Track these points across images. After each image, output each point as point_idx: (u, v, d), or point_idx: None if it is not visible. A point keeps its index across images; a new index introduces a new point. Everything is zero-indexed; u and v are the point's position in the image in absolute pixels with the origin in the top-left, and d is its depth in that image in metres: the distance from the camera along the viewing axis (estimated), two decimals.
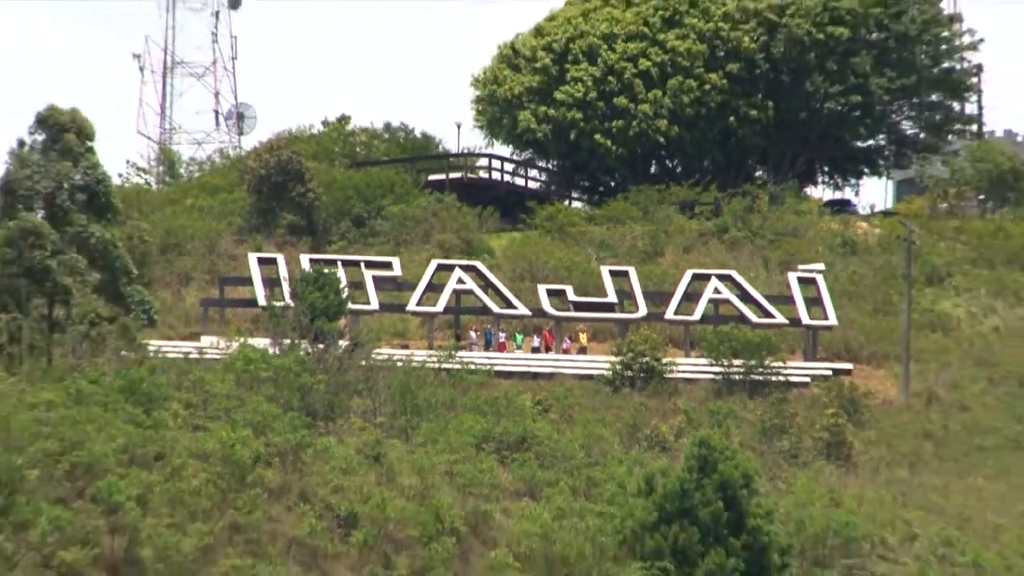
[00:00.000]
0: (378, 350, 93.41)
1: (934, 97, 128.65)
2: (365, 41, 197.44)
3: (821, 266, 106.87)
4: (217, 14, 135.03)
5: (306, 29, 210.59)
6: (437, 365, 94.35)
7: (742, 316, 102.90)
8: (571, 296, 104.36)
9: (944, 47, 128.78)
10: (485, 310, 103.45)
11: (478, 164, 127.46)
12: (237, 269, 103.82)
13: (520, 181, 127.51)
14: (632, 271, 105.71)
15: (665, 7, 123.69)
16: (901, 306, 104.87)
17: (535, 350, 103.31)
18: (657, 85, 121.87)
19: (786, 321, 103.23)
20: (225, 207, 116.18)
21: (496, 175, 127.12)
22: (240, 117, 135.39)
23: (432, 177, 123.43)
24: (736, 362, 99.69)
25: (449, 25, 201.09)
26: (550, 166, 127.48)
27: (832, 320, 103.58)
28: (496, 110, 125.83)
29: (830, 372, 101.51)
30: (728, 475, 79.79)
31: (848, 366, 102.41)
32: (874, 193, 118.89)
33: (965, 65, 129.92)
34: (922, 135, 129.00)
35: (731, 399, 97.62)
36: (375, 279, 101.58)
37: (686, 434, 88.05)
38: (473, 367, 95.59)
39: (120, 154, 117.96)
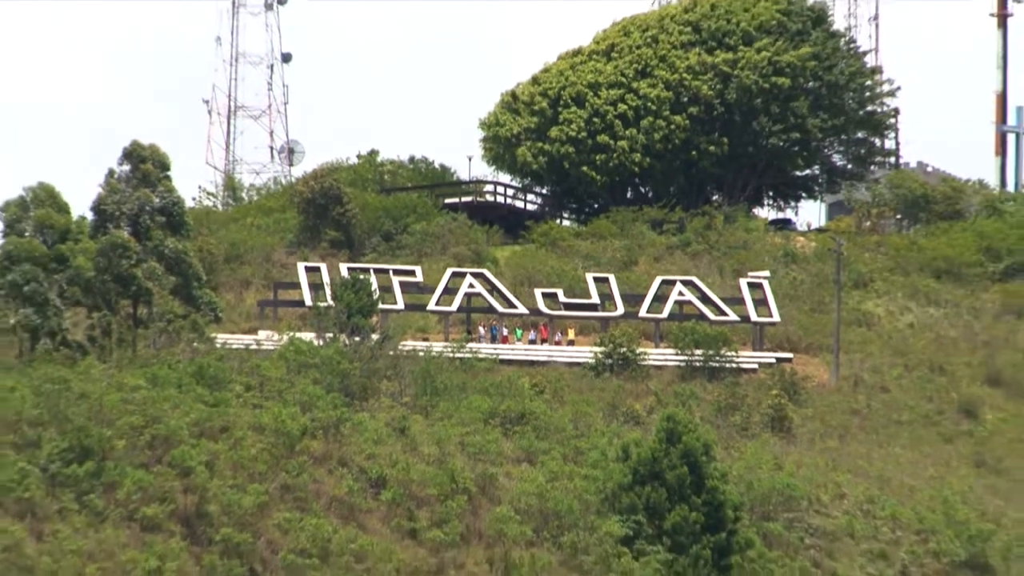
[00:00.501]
0: (403, 342, 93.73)
1: (859, 135, 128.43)
2: (393, 88, 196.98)
3: (766, 273, 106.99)
4: (271, 67, 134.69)
5: (345, 77, 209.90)
6: (452, 354, 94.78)
7: (702, 314, 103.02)
8: (562, 298, 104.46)
9: (867, 94, 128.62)
10: (491, 309, 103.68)
11: (485, 190, 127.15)
12: (288, 276, 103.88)
13: (520, 204, 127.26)
14: (612, 277, 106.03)
15: (639, 61, 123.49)
16: (832, 306, 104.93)
17: (532, 342, 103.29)
18: (632, 125, 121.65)
19: (738, 318, 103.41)
20: (278, 225, 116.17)
21: (500, 199, 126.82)
22: (290, 151, 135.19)
23: (448, 200, 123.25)
24: (697, 352, 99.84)
25: (461, 74, 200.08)
26: (544, 191, 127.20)
27: (776, 317, 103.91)
28: (499, 147, 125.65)
29: (774, 360, 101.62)
30: (691, 445, 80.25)
31: (789, 355, 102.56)
32: (810, 213, 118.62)
33: (885, 108, 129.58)
34: (849, 166, 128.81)
35: (693, 382, 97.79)
36: (401, 284, 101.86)
37: (656, 411, 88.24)
38: (481, 356, 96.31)
39: (192, 181, 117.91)
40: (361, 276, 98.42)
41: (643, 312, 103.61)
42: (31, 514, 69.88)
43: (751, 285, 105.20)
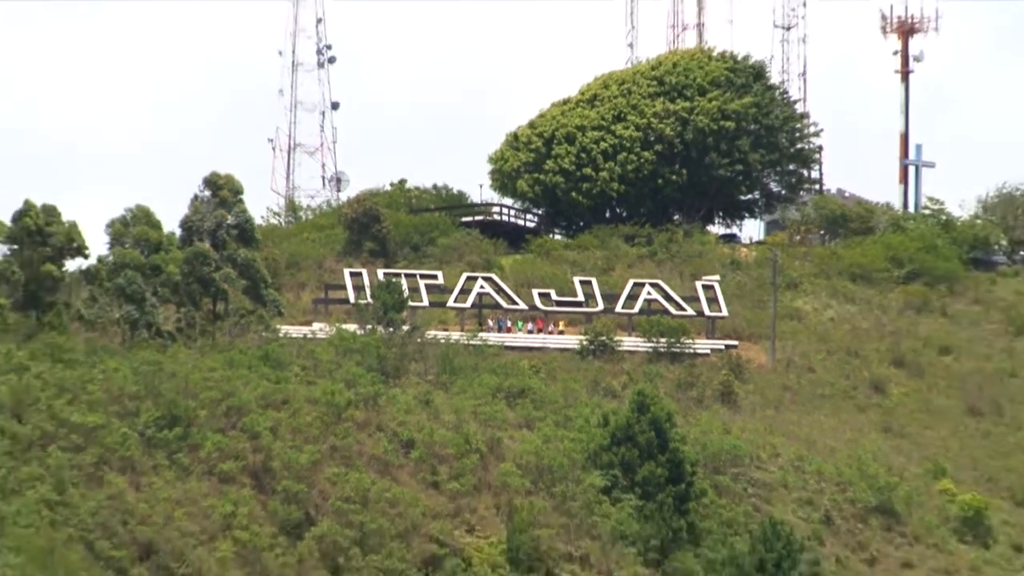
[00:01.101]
0: (427, 332, 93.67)
1: (791, 167, 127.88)
2: (420, 129, 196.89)
3: (716, 277, 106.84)
4: (323, 113, 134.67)
5: (381, 120, 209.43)
6: (466, 342, 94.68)
7: (665, 310, 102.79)
8: (554, 297, 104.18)
9: (797, 134, 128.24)
10: (497, 306, 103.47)
11: (493, 211, 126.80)
12: (336, 279, 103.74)
13: (520, 222, 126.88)
14: (594, 280, 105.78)
15: (615, 108, 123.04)
16: (769, 303, 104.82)
17: (530, 332, 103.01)
18: (610, 159, 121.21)
19: (694, 313, 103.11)
20: (328, 239, 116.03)
21: (505, 218, 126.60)
22: (338, 180, 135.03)
23: (463, 219, 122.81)
24: (661, 340, 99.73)
25: (474, 118, 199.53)
26: (540, 212, 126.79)
27: (724, 312, 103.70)
28: (503, 177, 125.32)
29: (723, 347, 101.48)
30: (656, 414, 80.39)
31: (735, 343, 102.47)
32: (751, 230, 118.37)
33: (811, 146, 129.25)
34: (783, 192, 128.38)
35: (658, 364, 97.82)
36: (426, 286, 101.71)
37: (629, 387, 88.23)
38: (490, 343, 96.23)
39: (260, 203, 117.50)
40: (394, 279, 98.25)
41: (619, 308, 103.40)
42: (131, 469, 70.04)
43: (704, 287, 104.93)
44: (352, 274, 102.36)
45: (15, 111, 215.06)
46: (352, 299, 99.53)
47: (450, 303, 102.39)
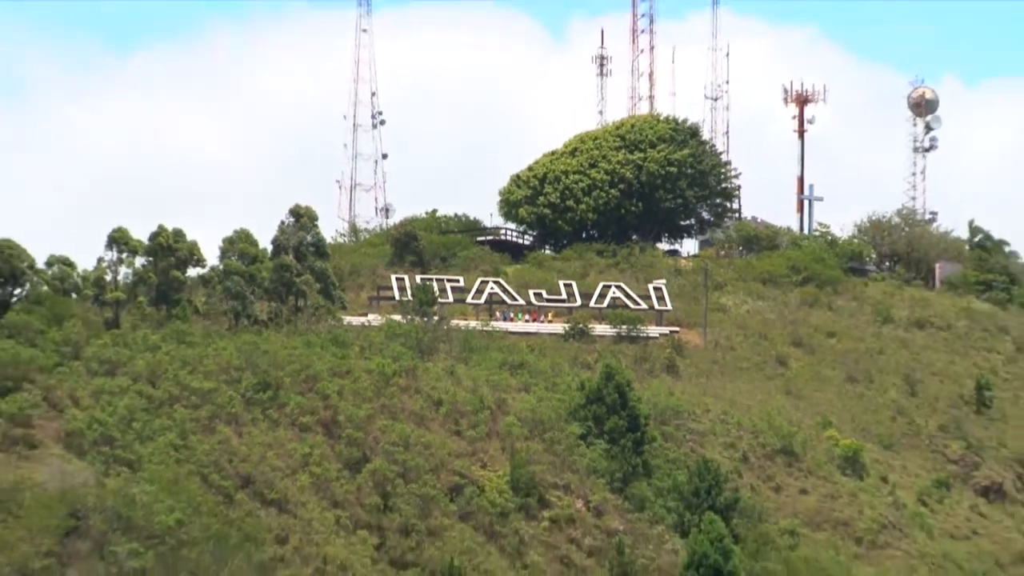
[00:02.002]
0: (452, 321, 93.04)
1: (717, 200, 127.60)
2: (446, 171, 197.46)
3: (663, 281, 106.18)
4: (376, 161, 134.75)
5: (418, 166, 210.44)
6: (480, 328, 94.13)
7: (626, 305, 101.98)
8: (544, 296, 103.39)
9: (722, 176, 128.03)
10: (503, 302, 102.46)
11: (500, 232, 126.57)
12: (385, 283, 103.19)
13: (520, 241, 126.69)
14: (574, 284, 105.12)
15: (589, 158, 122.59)
16: (702, 300, 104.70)
17: (527, 321, 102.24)
18: (587, 196, 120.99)
19: (647, 307, 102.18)
20: (379, 253, 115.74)
21: (509, 238, 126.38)
22: (387, 210, 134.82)
23: (478, 239, 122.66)
24: (623, 327, 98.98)
25: (487, 163, 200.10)
26: (534, 234, 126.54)
27: (669, 307, 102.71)
28: (509, 207, 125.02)
29: (668, 332, 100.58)
30: (620, 380, 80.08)
31: (677, 329, 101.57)
32: (689, 246, 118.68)
33: (732, 184, 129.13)
34: (712, 219, 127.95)
35: (621, 345, 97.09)
36: (451, 287, 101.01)
37: (599, 362, 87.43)
38: (497, 330, 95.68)
39: (330, 227, 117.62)
40: (427, 283, 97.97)
41: (592, 304, 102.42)
42: (235, 422, 69.98)
43: (655, 288, 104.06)
44: (397, 279, 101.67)
45: (153, 158, 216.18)
46: (397, 297, 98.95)
47: (468, 300, 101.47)
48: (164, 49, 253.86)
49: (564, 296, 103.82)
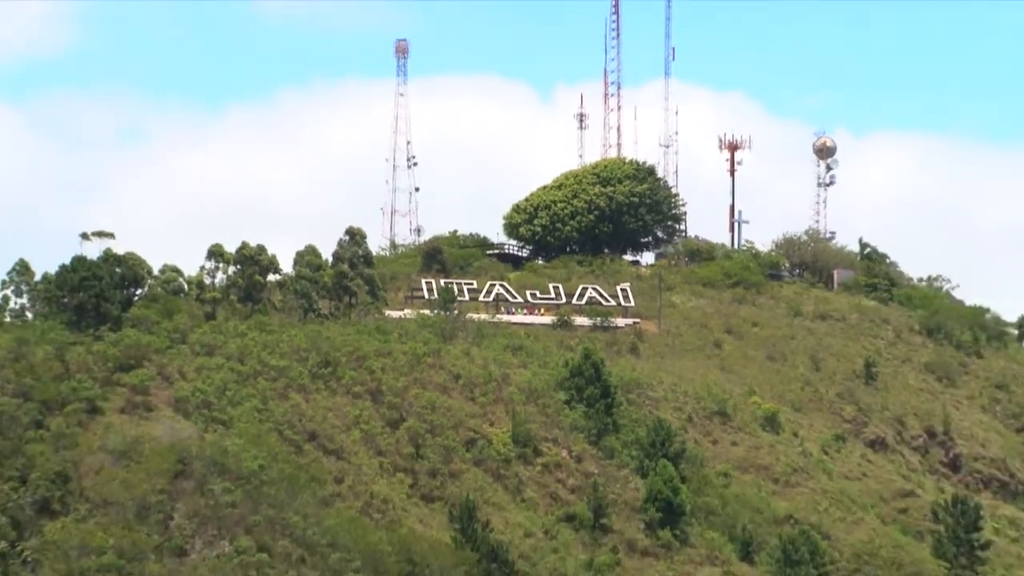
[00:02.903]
0: (467, 314, 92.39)
1: (669, 223, 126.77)
2: (465, 199, 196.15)
3: (628, 284, 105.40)
4: (411, 193, 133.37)
5: (442, 197, 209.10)
6: (488, 320, 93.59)
7: (600, 302, 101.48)
8: (538, 295, 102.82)
9: (672, 204, 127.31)
10: (507, 300, 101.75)
11: (505, 247, 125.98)
12: (417, 286, 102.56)
13: (520, 253, 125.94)
14: (560, 286, 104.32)
15: (572, 191, 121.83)
16: (657, 298, 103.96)
17: (525, 314, 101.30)
18: (571, 220, 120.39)
19: (616, 304, 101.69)
20: (413, 263, 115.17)
21: (511, 251, 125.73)
22: (419, 231, 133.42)
23: (488, 252, 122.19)
24: (598, 319, 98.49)
25: (495, 194, 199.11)
26: (531, 248, 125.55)
27: (632, 304, 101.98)
28: (511, 228, 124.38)
29: (632, 323, 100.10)
30: (595, 360, 79.83)
31: (638, 320, 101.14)
32: (648, 258, 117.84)
33: (680, 211, 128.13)
34: (665, 237, 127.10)
35: (596, 333, 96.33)
36: (467, 289, 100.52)
37: (579, 345, 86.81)
38: (503, 321, 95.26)
39: (375, 243, 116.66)
40: (449, 286, 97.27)
41: (574, 301, 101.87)
42: (303, 391, 69.64)
43: (621, 290, 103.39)
44: (426, 282, 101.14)
45: (242, 191, 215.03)
46: (426, 296, 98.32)
47: (480, 299, 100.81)
48: (250, 107, 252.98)
49: (553, 296, 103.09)
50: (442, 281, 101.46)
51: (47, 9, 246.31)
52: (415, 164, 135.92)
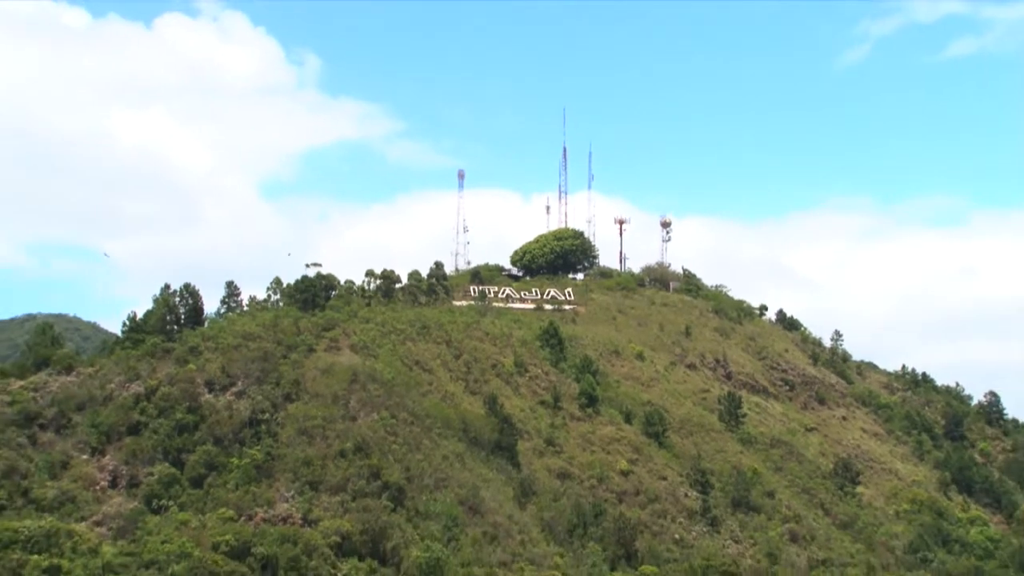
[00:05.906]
0: (492, 304, 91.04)
1: (590, 259, 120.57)
2: (488, 243, 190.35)
3: (570, 289, 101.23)
4: (464, 244, 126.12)
5: (478, 242, 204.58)
6: (503, 306, 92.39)
7: (556, 299, 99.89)
8: (527, 295, 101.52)
9: (591, 250, 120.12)
10: (511, 297, 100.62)
11: (512, 272, 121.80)
12: (467, 290, 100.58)
13: (519, 274, 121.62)
14: (537, 290, 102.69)
15: (544, 247, 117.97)
16: (585, 296, 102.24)
17: (521, 302, 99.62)
18: (542, 258, 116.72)
19: (565, 299, 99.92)
20: (465, 278, 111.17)
21: (514, 273, 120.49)
22: (468, 263, 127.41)
23: (503, 273, 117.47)
24: (556, 306, 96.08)
25: (502, 248, 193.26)
26: (522, 272, 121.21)
27: (572, 299, 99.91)
28: (513, 262, 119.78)
29: (572, 308, 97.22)
30: (555, 325, 78.19)
31: (576, 306, 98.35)
32: (580, 276, 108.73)
33: (596, 255, 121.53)
34: (587, 266, 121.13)
35: (555, 313, 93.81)
36: (491, 291, 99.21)
37: (548, 319, 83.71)
38: (509, 307, 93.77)
39: (450, 268, 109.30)
40: (483, 290, 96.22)
41: (545, 297, 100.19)
42: (412, 340, 68.31)
43: (567, 292, 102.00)
44: (473, 288, 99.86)
45: (374, 255, 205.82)
46: (473, 295, 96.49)
47: (498, 296, 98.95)
48: (386, 207, 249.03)
49: (536, 295, 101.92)
50: (479, 287, 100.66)
51: None
52: (466, 230, 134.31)
